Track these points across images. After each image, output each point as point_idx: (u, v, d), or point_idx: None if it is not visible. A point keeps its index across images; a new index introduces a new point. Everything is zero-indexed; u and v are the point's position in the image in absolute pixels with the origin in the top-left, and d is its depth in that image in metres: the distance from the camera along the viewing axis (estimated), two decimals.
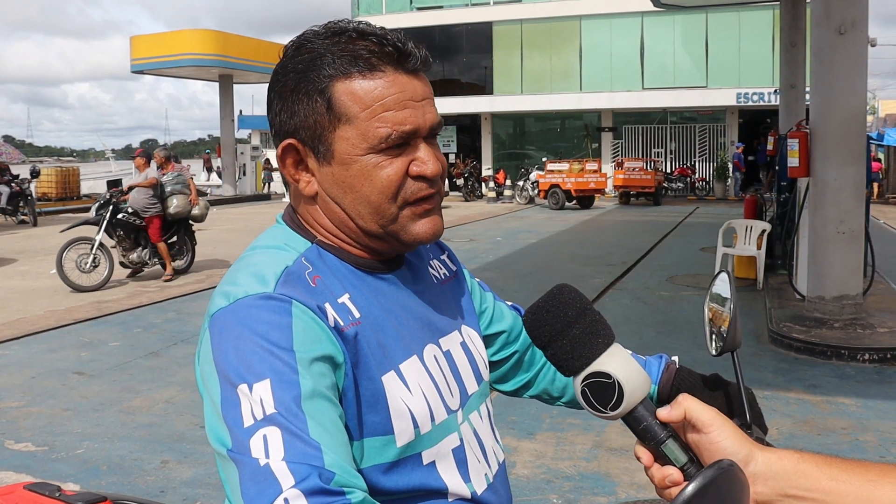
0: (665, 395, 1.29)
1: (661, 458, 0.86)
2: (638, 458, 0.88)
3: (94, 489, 4.12)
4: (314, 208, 1.06)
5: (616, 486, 4.11)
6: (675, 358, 1.32)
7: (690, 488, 0.69)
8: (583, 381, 0.87)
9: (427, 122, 1.01)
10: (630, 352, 0.94)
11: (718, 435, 0.83)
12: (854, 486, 0.78)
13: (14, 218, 19.58)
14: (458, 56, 31.95)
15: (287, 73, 1.01)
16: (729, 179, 27.74)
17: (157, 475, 4.31)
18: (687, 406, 0.85)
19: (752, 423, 1.13)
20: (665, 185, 26.93)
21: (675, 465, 0.85)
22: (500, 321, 1.32)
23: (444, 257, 1.26)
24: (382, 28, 1.02)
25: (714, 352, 1.19)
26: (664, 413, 0.86)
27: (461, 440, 1.07)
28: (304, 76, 0.99)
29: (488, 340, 1.29)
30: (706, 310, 1.24)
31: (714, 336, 1.21)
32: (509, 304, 1.38)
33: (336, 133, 0.99)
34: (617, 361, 0.87)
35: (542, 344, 0.90)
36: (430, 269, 1.19)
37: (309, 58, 0.99)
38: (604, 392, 0.86)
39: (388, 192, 1.00)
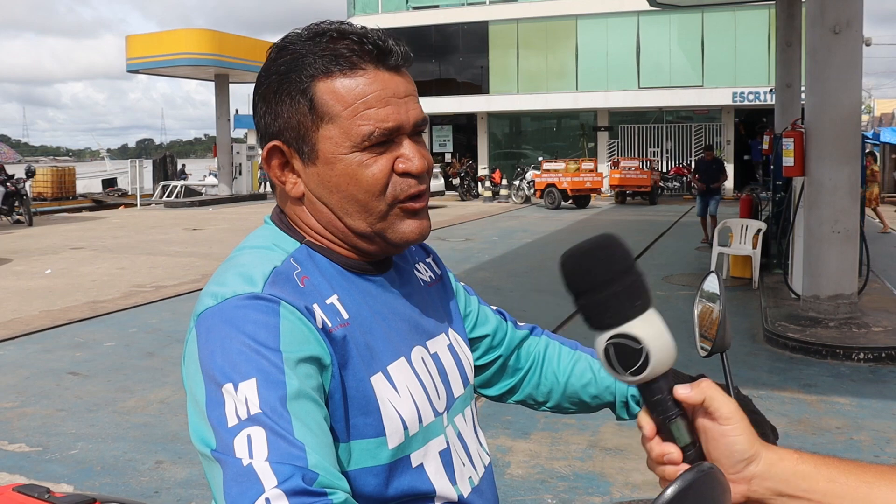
0: None
1: (665, 433, 0.84)
2: (640, 427, 0.86)
3: (88, 490, 4.11)
4: (301, 209, 1.05)
5: (611, 486, 4.11)
6: None
7: (669, 491, 0.68)
8: (609, 339, 0.83)
9: (410, 119, 1.01)
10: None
11: (734, 430, 0.81)
12: (850, 487, 0.78)
13: (9, 218, 19.55)
14: (454, 55, 31.95)
15: (270, 76, 1.01)
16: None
17: (152, 475, 4.30)
18: (708, 394, 0.83)
19: None
20: (661, 184, 26.94)
21: (676, 444, 0.83)
22: (485, 325, 1.30)
23: (429, 260, 1.25)
24: (363, 27, 1.02)
25: (703, 354, 1.19)
26: (682, 392, 0.83)
27: (447, 443, 1.07)
28: (286, 77, 0.99)
29: (473, 344, 1.28)
30: (695, 311, 1.24)
31: (703, 338, 1.21)
32: (494, 308, 1.36)
33: (319, 133, 0.99)
34: (651, 329, 0.83)
35: (575, 292, 0.85)
36: (415, 272, 1.18)
37: (291, 59, 1.00)
38: (628, 356, 0.82)
39: (375, 189, 0.99)
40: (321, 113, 0.98)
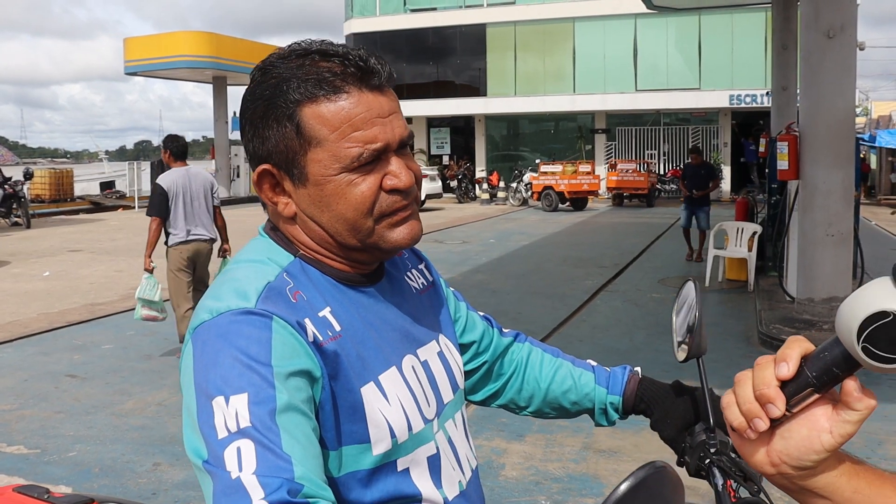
0: (630, 405, 1.34)
1: (798, 389, 0.74)
2: (784, 360, 0.77)
3: (86, 492, 4.14)
4: (294, 227, 1.09)
5: (604, 488, 4.14)
6: (638, 368, 1.37)
7: (623, 487, 0.71)
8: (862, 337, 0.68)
9: (396, 136, 1.04)
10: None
11: (846, 426, 0.77)
12: (871, 500, 0.78)
13: (7, 220, 19.56)
14: (451, 58, 31.97)
15: (256, 100, 1.04)
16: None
17: (149, 477, 4.33)
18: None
19: (717, 427, 1.16)
20: (658, 186, 26.97)
21: (786, 399, 0.72)
22: (472, 331, 1.35)
23: (421, 267, 1.29)
24: (345, 46, 1.05)
25: (681, 358, 1.23)
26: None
27: (437, 448, 1.11)
28: (272, 103, 1.02)
29: (460, 350, 1.32)
30: (673, 318, 1.28)
31: (681, 343, 1.25)
32: (481, 314, 1.41)
33: (308, 156, 1.02)
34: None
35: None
36: (407, 279, 1.22)
37: (275, 83, 1.02)
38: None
39: (363, 207, 1.03)
40: (308, 137, 1.01)
